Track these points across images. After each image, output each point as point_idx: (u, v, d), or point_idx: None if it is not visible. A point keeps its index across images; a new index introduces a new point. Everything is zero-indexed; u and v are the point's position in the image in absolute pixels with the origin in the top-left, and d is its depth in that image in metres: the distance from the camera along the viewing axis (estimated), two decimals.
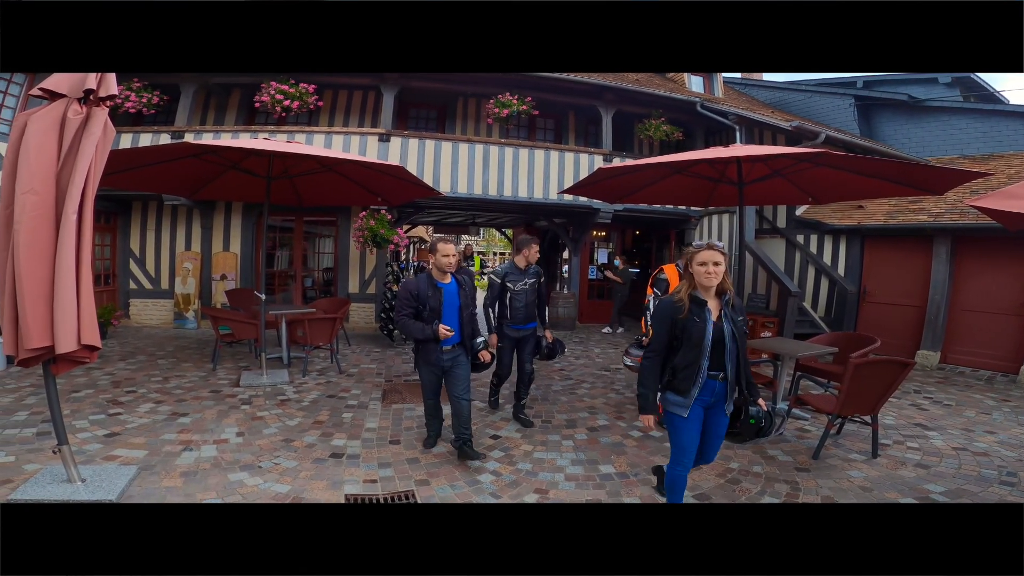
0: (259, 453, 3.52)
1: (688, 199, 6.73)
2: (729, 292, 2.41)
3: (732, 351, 2.38)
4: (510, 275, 4.28)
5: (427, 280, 3.40)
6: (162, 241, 8.34)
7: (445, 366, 3.44)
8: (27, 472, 3.02)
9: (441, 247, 3.38)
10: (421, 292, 3.34)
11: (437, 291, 3.37)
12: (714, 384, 2.39)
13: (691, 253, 2.41)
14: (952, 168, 4.33)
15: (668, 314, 2.39)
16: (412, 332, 3.37)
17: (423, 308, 3.34)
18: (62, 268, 2.53)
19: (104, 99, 2.66)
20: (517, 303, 4.24)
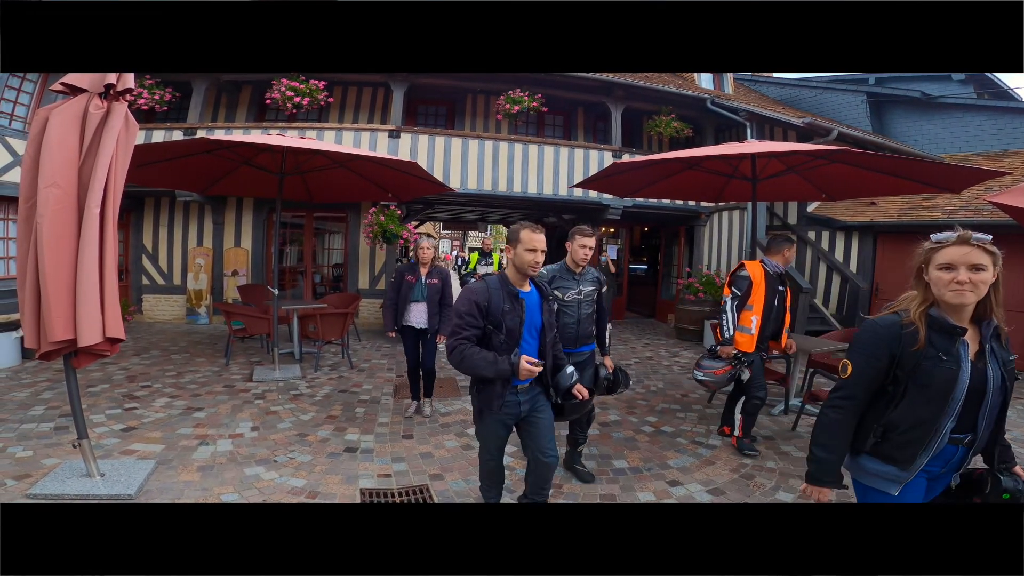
0: (274, 447, 3.54)
1: (700, 195, 6.69)
2: (996, 317, 1.55)
3: (994, 406, 1.55)
4: (559, 281, 3.10)
5: (501, 288, 2.27)
6: (174, 237, 8.39)
7: (521, 414, 2.36)
8: (46, 467, 3.06)
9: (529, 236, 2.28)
10: (494, 305, 2.22)
11: (517, 304, 2.25)
12: (954, 450, 1.59)
13: (931, 250, 1.55)
14: (970, 167, 4.29)
15: (886, 343, 1.55)
16: (478, 367, 2.16)
17: (496, 330, 2.22)
18: (85, 261, 2.55)
19: (122, 93, 2.67)
20: (567, 319, 3.08)
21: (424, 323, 4.18)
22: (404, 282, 4.19)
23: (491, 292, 2.25)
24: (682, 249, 10.61)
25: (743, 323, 3.67)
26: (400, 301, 4.18)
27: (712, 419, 4.54)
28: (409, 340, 4.27)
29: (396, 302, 4.21)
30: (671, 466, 3.56)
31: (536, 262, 2.25)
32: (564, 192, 8.39)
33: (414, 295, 4.15)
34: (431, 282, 4.19)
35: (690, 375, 6.15)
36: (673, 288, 10.87)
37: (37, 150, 2.64)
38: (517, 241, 2.28)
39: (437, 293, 4.19)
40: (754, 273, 3.68)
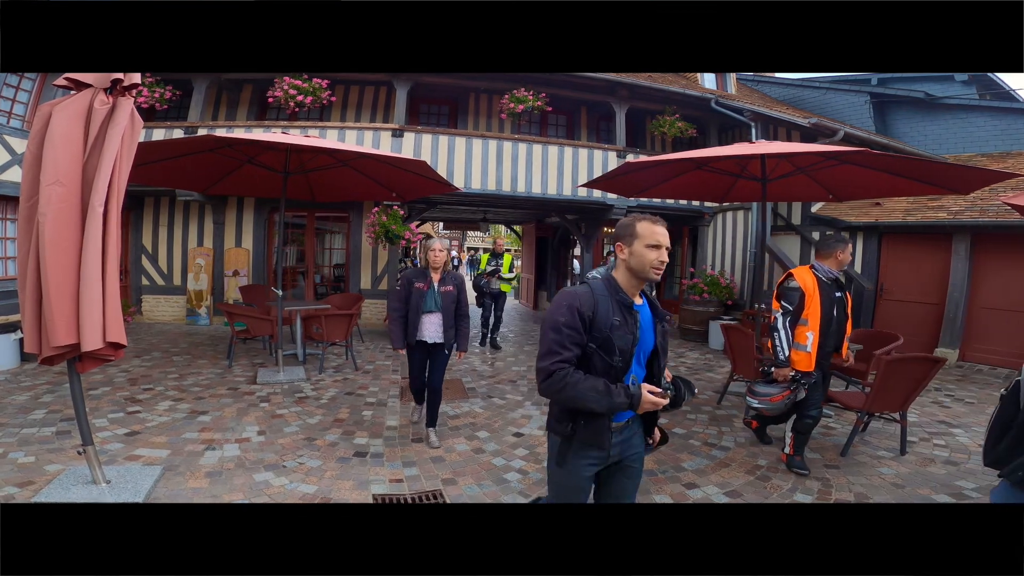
0: (282, 452, 3.46)
1: (706, 195, 6.66)
2: None
3: None
4: None
5: (609, 297, 1.73)
6: (174, 237, 8.29)
7: (611, 458, 1.82)
8: (49, 473, 2.97)
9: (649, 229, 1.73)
10: (601, 317, 1.68)
11: (631, 318, 1.73)
12: None
13: None
14: (980, 168, 4.26)
15: None
16: (586, 399, 1.63)
17: (600, 349, 1.68)
18: (88, 262, 2.47)
19: (129, 89, 2.59)
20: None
21: (439, 337, 3.63)
22: (413, 290, 3.59)
23: (597, 299, 1.68)
24: (685, 249, 10.57)
25: (798, 340, 3.21)
26: (410, 312, 3.60)
27: (722, 420, 4.49)
28: (417, 356, 3.70)
29: (405, 313, 3.62)
30: (686, 468, 3.51)
31: (662, 262, 1.74)
32: (568, 192, 8.34)
33: (426, 305, 3.57)
34: (445, 290, 3.62)
35: (699, 376, 6.12)
36: (676, 288, 10.83)
37: (39, 147, 2.56)
38: (633, 236, 1.76)
39: (453, 302, 3.65)
40: (805, 282, 3.23)
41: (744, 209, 8.76)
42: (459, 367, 6.13)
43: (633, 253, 1.74)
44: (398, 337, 3.64)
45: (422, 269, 3.68)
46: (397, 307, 3.67)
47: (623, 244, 1.80)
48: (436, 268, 3.63)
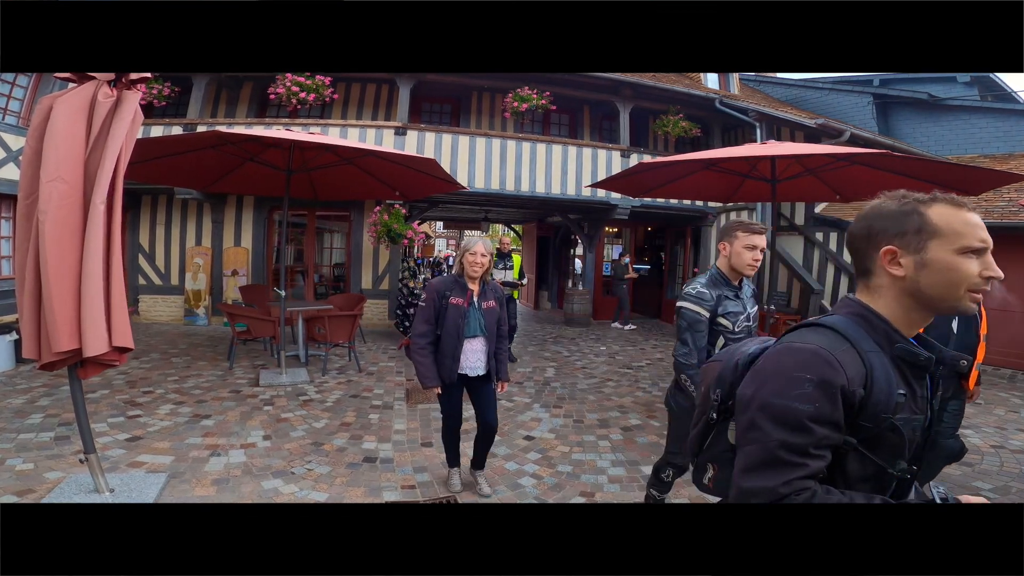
0: (290, 458, 3.37)
1: (712, 195, 6.60)
2: None
3: None
4: (724, 300, 2.23)
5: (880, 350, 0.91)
6: (172, 236, 8.16)
7: None
8: (49, 481, 2.87)
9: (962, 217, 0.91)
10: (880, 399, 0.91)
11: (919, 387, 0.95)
12: None
13: None
14: (990, 169, 4.23)
15: None
16: None
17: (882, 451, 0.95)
18: (90, 262, 2.37)
19: (136, 82, 2.50)
20: None
21: (482, 367, 2.82)
22: (448, 307, 2.69)
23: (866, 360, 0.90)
24: (688, 249, 10.53)
25: None
26: (444, 337, 2.70)
27: None
28: (455, 396, 2.88)
29: (436, 339, 2.73)
30: None
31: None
32: (572, 191, 8.27)
33: (469, 328, 2.71)
34: (488, 306, 2.78)
35: None
36: (678, 288, 10.79)
37: (39, 142, 2.45)
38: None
39: (496, 322, 2.84)
40: None
41: (749, 209, 8.72)
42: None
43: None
44: (429, 372, 2.70)
45: (454, 278, 2.77)
46: (424, 330, 2.70)
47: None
48: (475, 278, 2.75)
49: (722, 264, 2.29)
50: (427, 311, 2.72)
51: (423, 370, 2.72)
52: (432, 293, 2.74)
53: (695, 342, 2.17)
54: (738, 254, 2.17)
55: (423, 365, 2.71)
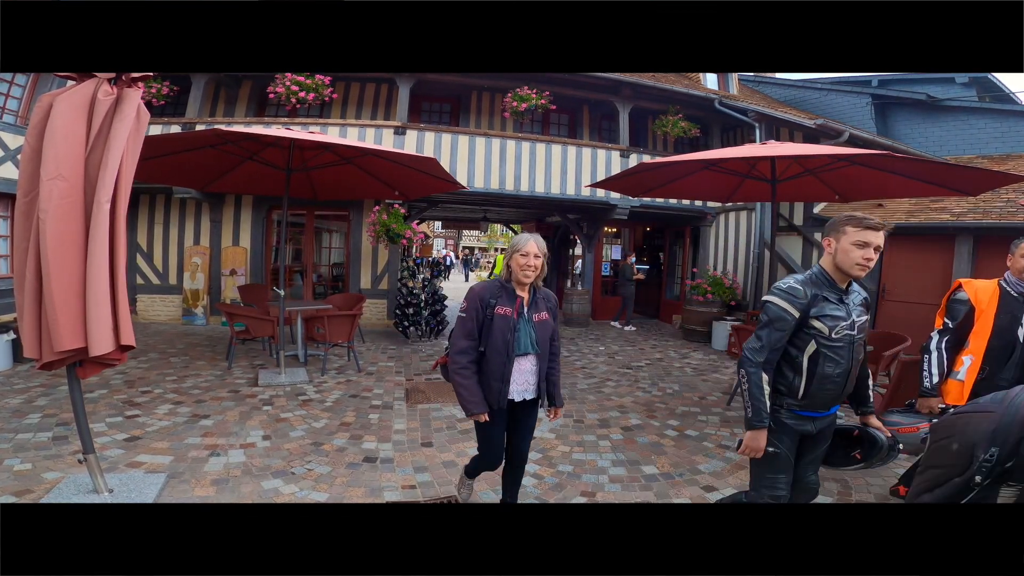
0: (289, 458, 3.36)
1: (712, 195, 6.63)
2: None
3: None
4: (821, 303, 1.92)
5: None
6: (170, 235, 8.13)
7: None
8: (47, 481, 2.85)
9: None
10: None
11: None
12: None
13: None
14: (990, 170, 4.24)
15: None
16: None
17: None
18: (95, 261, 2.35)
19: (137, 80, 2.48)
20: (830, 367, 1.92)
21: (531, 390, 2.38)
22: (494, 319, 2.26)
23: None
24: (687, 249, 10.54)
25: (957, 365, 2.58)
26: (490, 355, 2.26)
27: (734, 422, 4.44)
28: (499, 423, 2.37)
29: (479, 358, 2.29)
30: (702, 471, 3.45)
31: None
32: (571, 191, 8.28)
33: (520, 344, 2.28)
34: (540, 317, 2.35)
35: (705, 377, 6.07)
36: (677, 288, 10.80)
37: (38, 140, 2.44)
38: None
39: (549, 336, 2.41)
40: (978, 295, 2.61)
41: (748, 210, 8.73)
42: None
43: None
44: (473, 396, 2.24)
45: (500, 283, 2.34)
46: (466, 346, 2.27)
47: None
48: (525, 284, 2.32)
49: (826, 263, 1.97)
50: (468, 323, 2.26)
51: (466, 394, 2.24)
52: (475, 301, 2.28)
53: (770, 340, 1.91)
54: (845, 252, 1.85)
55: (466, 388, 2.24)
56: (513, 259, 2.30)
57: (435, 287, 7.75)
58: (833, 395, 1.96)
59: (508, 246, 2.40)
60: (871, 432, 2.09)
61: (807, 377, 1.92)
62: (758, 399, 1.89)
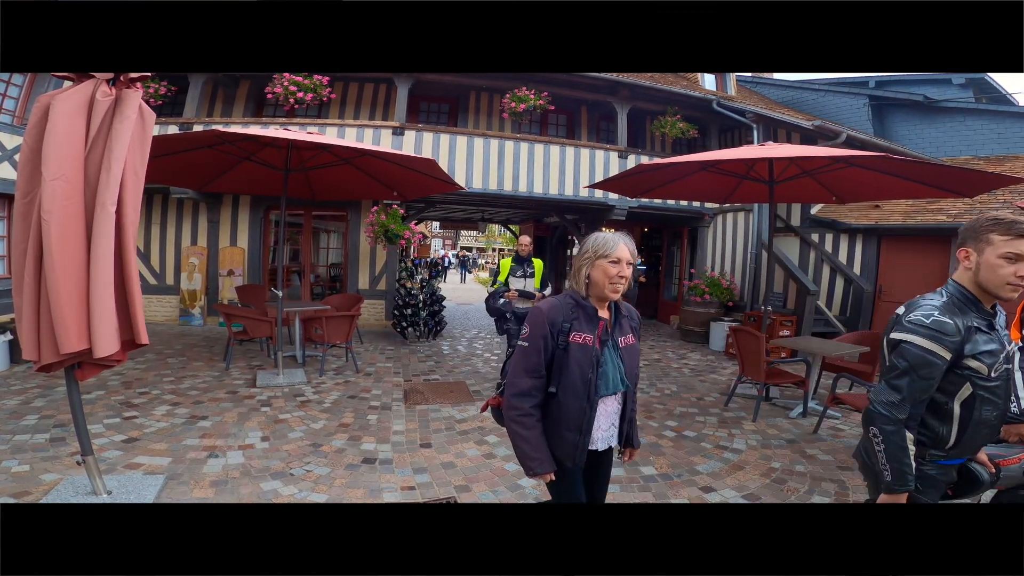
0: (288, 459, 3.35)
1: (710, 196, 6.63)
2: None
3: None
4: (974, 333, 1.52)
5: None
6: (167, 236, 8.10)
7: None
8: (45, 483, 2.84)
9: None
10: None
11: None
12: None
13: None
14: (986, 172, 4.26)
15: None
16: None
17: None
18: (99, 263, 2.34)
19: (135, 80, 2.48)
20: (991, 409, 1.57)
21: (614, 438, 1.87)
22: (570, 349, 1.71)
23: None
24: (685, 250, 10.56)
25: None
26: (564, 397, 1.71)
27: (731, 422, 4.46)
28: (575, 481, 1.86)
29: (544, 400, 1.75)
30: (700, 471, 3.46)
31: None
32: (570, 192, 8.28)
33: (606, 382, 1.74)
34: (626, 342, 1.82)
35: (703, 378, 6.08)
36: (675, 289, 10.82)
37: (37, 140, 2.43)
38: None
39: (637, 363, 1.89)
40: None
41: (745, 211, 8.76)
42: (462, 369, 6.05)
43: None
44: (536, 451, 1.70)
45: (575, 300, 1.76)
46: (528, 387, 1.71)
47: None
48: (603, 298, 1.75)
49: (964, 279, 1.55)
50: (532, 356, 1.68)
51: (528, 449, 1.69)
52: (542, 327, 1.69)
53: (913, 392, 1.48)
54: (992, 268, 1.45)
55: (528, 442, 1.69)
56: (597, 267, 1.70)
57: (433, 287, 7.75)
58: (986, 439, 1.63)
59: (585, 249, 1.76)
60: (973, 468, 1.67)
61: (959, 424, 1.54)
62: (901, 461, 1.50)
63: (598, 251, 1.71)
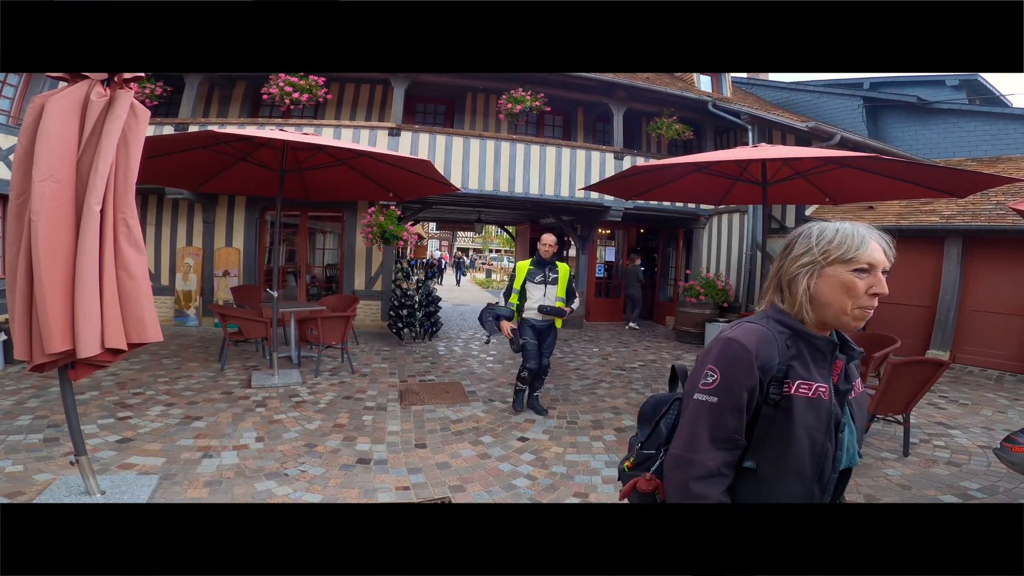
0: (283, 459, 3.36)
1: (704, 197, 6.66)
2: None
3: None
4: None
5: None
6: (162, 236, 8.09)
7: None
8: (38, 483, 2.84)
9: None
10: None
11: None
12: None
13: None
14: (977, 172, 4.30)
15: None
16: None
17: None
18: (84, 264, 2.35)
19: (129, 81, 2.48)
20: None
21: None
22: (794, 406, 1.02)
23: None
24: (680, 251, 10.60)
25: None
26: (778, 478, 1.11)
27: None
28: None
29: (742, 478, 1.12)
30: None
31: None
32: (566, 193, 8.30)
33: (844, 454, 1.12)
34: (857, 389, 1.15)
35: None
36: (671, 290, 10.86)
37: (31, 141, 2.43)
38: None
39: (864, 419, 1.28)
40: None
41: (740, 212, 8.80)
42: (457, 369, 6.06)
43: None
44: None
45: (796, 328, 1.08)
46: (715, 466, 1.08)
47: None
48: (829, 327, 1.09)
49: None
50: (725, 415, 1.04)
51: None
52: (747, 371, 1.03)
53: None
54: None
55: None
56: (830, 278, 1.04)
57: (429, 288, 7.75)
58: None
59: (804, 245, 1.08)
60: None
61: None
62: None
63: (832, 252, 1.03)
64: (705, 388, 1.06)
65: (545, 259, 4.31)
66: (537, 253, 4.38)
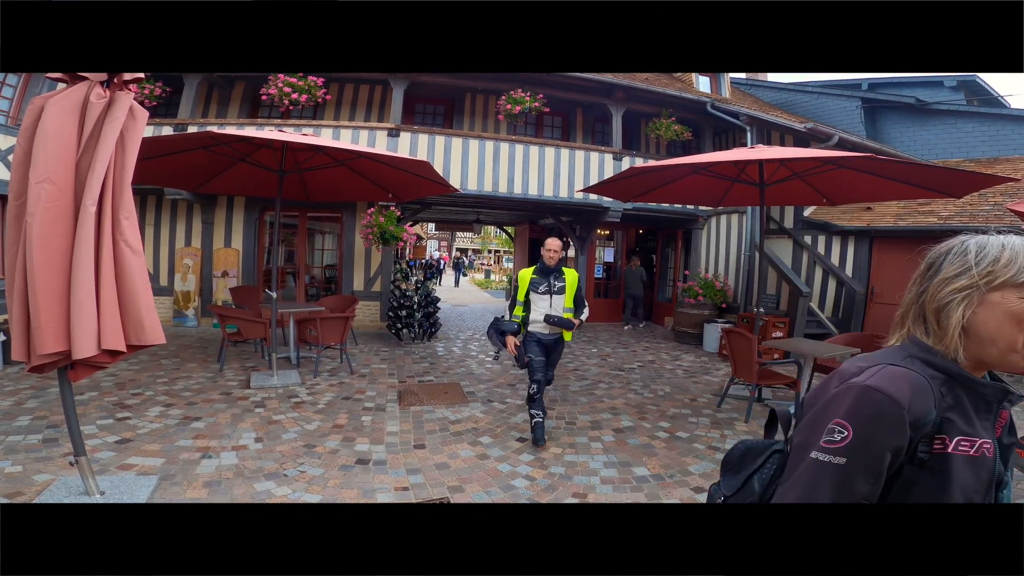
0: (282, 460, 3.36)
1: (702, 198, 6.66)
2: None
3: None
4: None
5: None
6: (161, 237, 8.08)
7: None
8: (38, 484, 2.84)
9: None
10: None
11: None
12: None
13: None
14: (973, 172, 4.31)
15: None
16: None
17: None
18: (80, 265, 2.35)
19: (129, 82, 2.49)
20: None
21: None
22: (951, 467, 0.90)
23: None
24: (679, 252, 10.61)
25: None
26: None
27: (724, 424, 4.49)
28: None
29: None
30: (693, 472, 3.49)
31: None
32: (565, 194, 8.32)
33: None
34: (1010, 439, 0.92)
35: (696, 379, 6.12)
36: (669, 291, 10.87)
37: (30, 142, 2.44)
38: None
39: None
40: None
41: (738, 212, 8.81)
42: (456, 370, 6.06)
43: None
44: None
45: (951, 371, 0.85)
46: None
47: None
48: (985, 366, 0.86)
49: None
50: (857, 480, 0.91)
51: None
52: (894, 428, 0.84)
53: None
54: None
55: None
56: (994, 307, 0.81)
57: (428, 289, 7.76)
58: None
59: (962, 264, 0.86)
60: None
61: None
62: None
63: (999, 273, 0.81)
64: (829, 447, 0.87)
65: (550, 266, 3.85)
66: (540, 259, 3.93)
